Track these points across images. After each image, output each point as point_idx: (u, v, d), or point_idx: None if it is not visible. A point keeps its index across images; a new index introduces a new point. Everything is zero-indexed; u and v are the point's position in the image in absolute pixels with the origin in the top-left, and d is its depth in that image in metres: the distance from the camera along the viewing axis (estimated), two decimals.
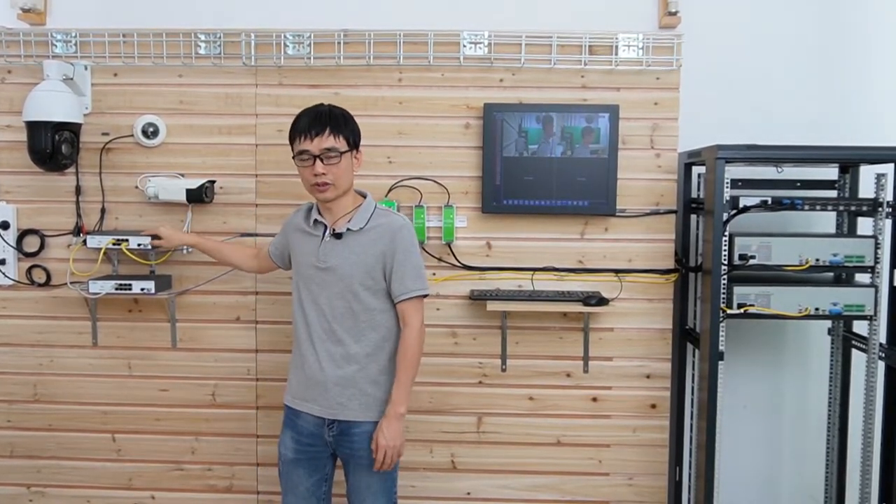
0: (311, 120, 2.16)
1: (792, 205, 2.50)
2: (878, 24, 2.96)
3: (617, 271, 2.78)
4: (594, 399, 2.82)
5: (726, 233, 2.49)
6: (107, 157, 2.79)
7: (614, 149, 2.69)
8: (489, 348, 2.81)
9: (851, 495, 2.83)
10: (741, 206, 2.50)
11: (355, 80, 2.76)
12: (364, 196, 2.28)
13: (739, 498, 3.04)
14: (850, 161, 2.72)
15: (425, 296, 2.23)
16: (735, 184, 2.63)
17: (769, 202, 2.50)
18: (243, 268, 2.61)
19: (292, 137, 2.19)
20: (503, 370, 2.82)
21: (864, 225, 2.70)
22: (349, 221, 2.20)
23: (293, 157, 2.20)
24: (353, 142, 2.20)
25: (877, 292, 2.51)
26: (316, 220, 2.25)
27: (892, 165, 2.52)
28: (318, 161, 2.13)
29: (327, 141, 2.13)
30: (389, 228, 2.19)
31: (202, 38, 2.75)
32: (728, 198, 2.47)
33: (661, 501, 2.85)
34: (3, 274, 2.80)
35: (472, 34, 2.73)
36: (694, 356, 2.89)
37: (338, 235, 2.19)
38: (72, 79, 2.68)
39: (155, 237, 2.61)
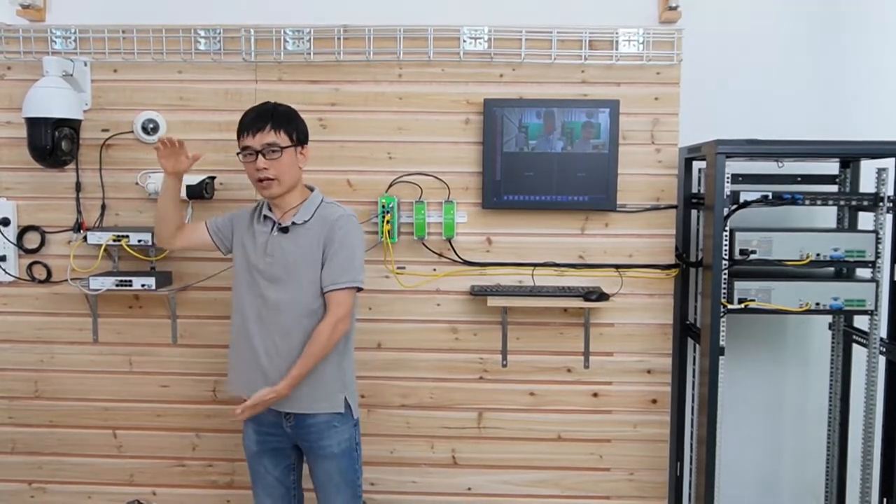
0: (255, 117, 2.20)
1: (792, 200, 2.49)
2: (878, 18, 2.95)
3: (617, 266, 2.78)
4: (595, 394, 2.82)
5: (727, 228, 2.48)
6: (107, 153, 2.79)
7: (615, 144, 2.69)
8: (490, 344, 2.81)
9: (852, 489, 2.83)
10: (742, 200, 2.50)
11: (355, 75, 2.76)
12: (312, 190, 2.29)
13: (740, 493, 3.04)
14: (850, 156, 2.72)
15: (358, 289, 2.22)
16: (735, 179, 2.62)
17: (770, 197, 2.50)
18: (164, 234, 2.38)
19: (238, 134, 2.22)
20: (504, 366, 2.82)
21: (865, 220, 2.70)
22: (295, 216, 2.22)
23: (237, 153, 2.22)
24: (297, 138, 2.22)
25: (877, 287, 2.51)
26: (265, 216, 2.26)
27: (892, 160, 2.52)
28: (259, 156, 2.17)
29: (268, 136, 2.17)
30: (328, 219, 2.20)
31: (202, 33, 2.75)
32: (728, 193, 2.47)
33: (662, 497, 2.85)
34: (4, 270, 2.80)
35: (471, 29, 2.72)
36: (694, 351, 2.89)
37: (284, 230, 2.21)
38: (71, 75, 2.68)
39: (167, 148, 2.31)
